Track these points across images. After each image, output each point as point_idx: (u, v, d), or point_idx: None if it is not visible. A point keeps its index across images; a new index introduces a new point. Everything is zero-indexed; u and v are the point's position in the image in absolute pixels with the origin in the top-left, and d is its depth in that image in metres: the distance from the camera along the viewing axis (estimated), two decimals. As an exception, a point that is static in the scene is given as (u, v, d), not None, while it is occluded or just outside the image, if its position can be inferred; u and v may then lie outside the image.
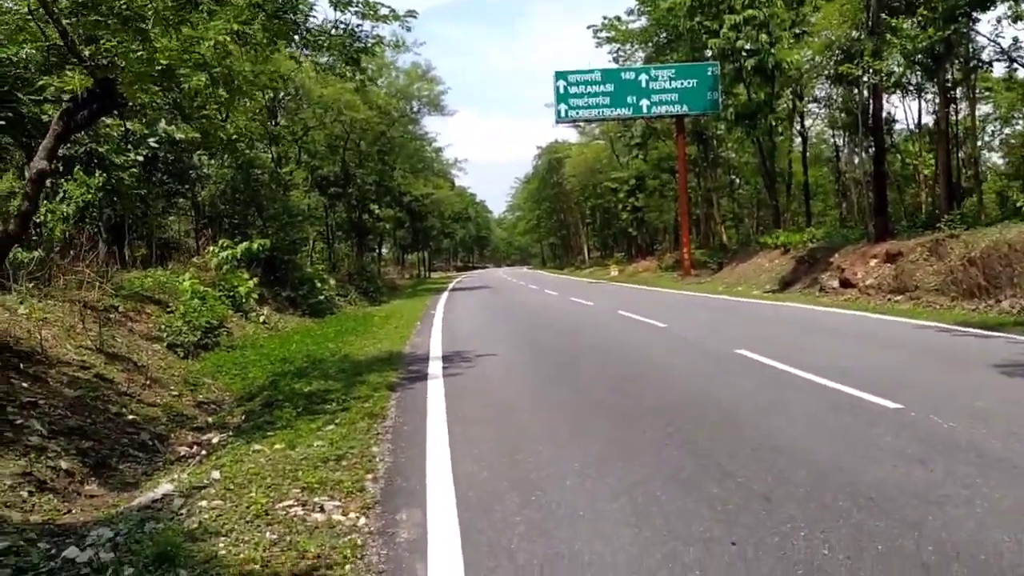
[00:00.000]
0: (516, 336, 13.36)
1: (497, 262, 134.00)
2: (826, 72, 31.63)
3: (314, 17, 10.31)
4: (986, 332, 11.48)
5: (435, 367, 10.32)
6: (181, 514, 4.86)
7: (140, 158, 15.66)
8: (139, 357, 10.58)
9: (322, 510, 4.64)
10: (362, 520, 4.49)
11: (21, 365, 7.65)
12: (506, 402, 7.84)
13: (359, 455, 5.85)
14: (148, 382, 9.51)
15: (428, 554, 3.93)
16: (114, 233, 17.37)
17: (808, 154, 39.55)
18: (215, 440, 7.40)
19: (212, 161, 20.47)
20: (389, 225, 49.01)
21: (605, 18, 55.23)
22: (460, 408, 7.51)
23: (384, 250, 60.31)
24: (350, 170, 36.27)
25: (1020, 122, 38.51)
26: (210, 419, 8.68)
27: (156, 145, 16.31)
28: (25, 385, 7.23)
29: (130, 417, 7.88)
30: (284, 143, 29.97)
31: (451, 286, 40.96)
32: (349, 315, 22.58)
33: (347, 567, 3.81)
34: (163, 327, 12.42)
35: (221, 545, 4.18)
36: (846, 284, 20.68)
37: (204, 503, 4.94)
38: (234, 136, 12.07)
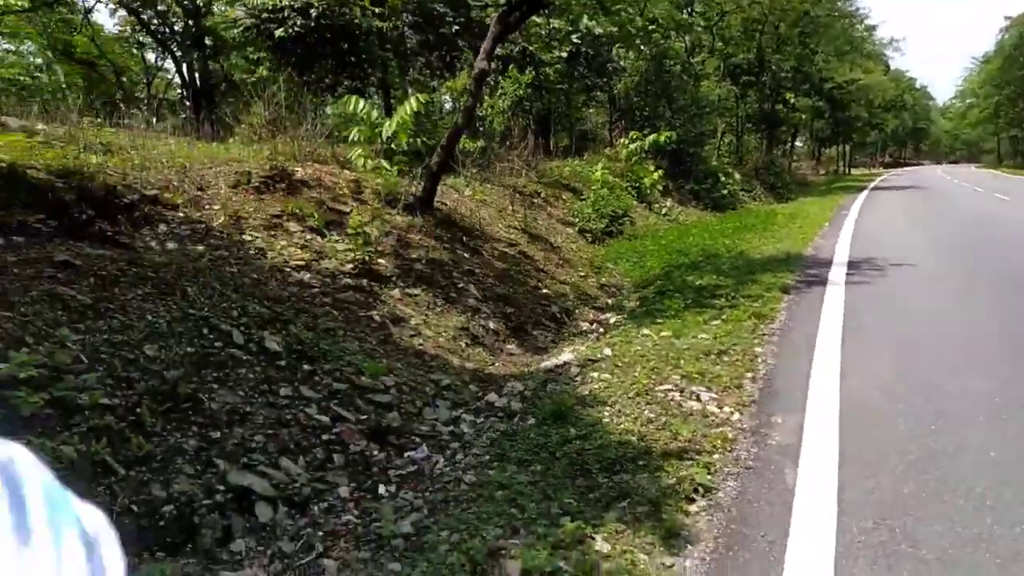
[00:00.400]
0: (945, 250, 11.59)
1: (936, 159, 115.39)
2: None
3: None
4: None
5: (837, 273, 9.59)
6: (576, 381, 5.49)
7: (564, 55, 16.87)
8: (554, 239, 11.85)
9: (698, 399, 4.82)
10: (736, 415, 4.55)
11: (464, 238, 9.17)
12: (919, 321, 6.99)
13: (741, 353, 5.86)
14: (560, 262, 10.66)
15: (800, 461, 3.86)
16: (541, 125, 19.27)
17: None
18: (611, 320, 8.06)
19: (628, 54, 21.09)
20: (805, 116, 45.41)
21: None
22: (860, 320, 6.93)
23: (797, 143, 56.39)
24: (765, 56, 34.21)
25: None
26: (609, 301, 9.44)
27: (578, 41, 17.36)
28: (466, 256, 8.67)
29: (544, 291, 8.97)
30: (696, 32, 29.38)
31: (873, 185, 36.83)
32: (751, 211, 21.96)
33: (715, 456, 3.95)
34: (575, 213, 13.62)
35: (606, 414, 4.65)
36: None
37: (595, 375, 5.49)
38: (650, 28, 12.28)
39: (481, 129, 14.95)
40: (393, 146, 9.55)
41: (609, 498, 3.55)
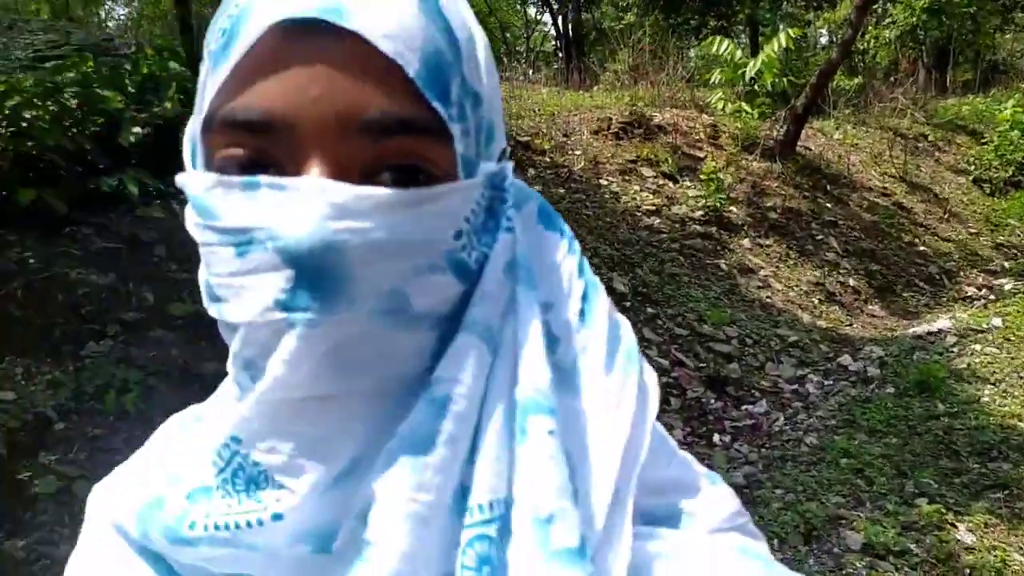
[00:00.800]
0: None
1: None
2: None
3: None
4: None
5: None
6: (951, 352, 4.81)
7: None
8: (940, 189, 10.29)
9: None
10: None
11: (828, 187, 8.45)
12: None
13: None
14: (946, 216, 9.26)
15: None
16: (938, 57, 16.63)
17: None
18: (1007, 287, 6.83)
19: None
20: None
21: None
22: None
23: None
24: None
25: None
26: (1006, 264, 7.97)
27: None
28: (828, 205, 8.00)
29: (921, 248, 7.92)
30: None
31: None
32: None
33: None
34: (971, 160, 11.62)
35: (986, 392, 4.02)
36: None
37: (977, 347, 4.74)
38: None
39: (860, 64, 13.45)
40: (756, 87, 9.10)
41: (981, 486, 3.12)
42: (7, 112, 3.74)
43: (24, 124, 3.79)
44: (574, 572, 0.39)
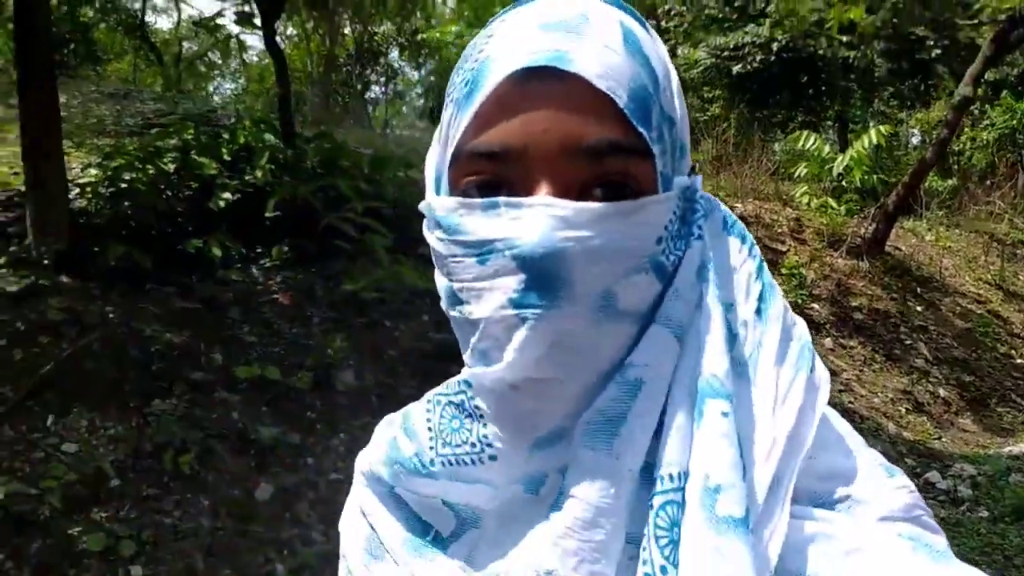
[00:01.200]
0: None
1: None
2: None
3: None
4: None
5: None
6: (1055, 480, 4.39)
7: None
8: (1042, 299, 9.69)
9: None
10: None
11: (918, 289, 8.07)
12: None
13: None
14: (1048, 328, 8.67)
15: None
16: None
17: None
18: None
19: None
20: None
21: None
22: None
23: None
24: None
25: None
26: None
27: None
28: (919, 309, 7.62)
29: (1018, 361, 7.40)
30: None
31: None
32: None
33: None
34: (1078, 270, 10.94)
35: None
36: None
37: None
38: None
39: (955, 166, 13.05)
40: (844, 183, 8.89)
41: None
42: (109, 173, 3.97)
43: (124, 185, 4.01)
44: (737, 538, 0.44)
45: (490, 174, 0.50)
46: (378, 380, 3.78)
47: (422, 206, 0.55)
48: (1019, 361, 7.37)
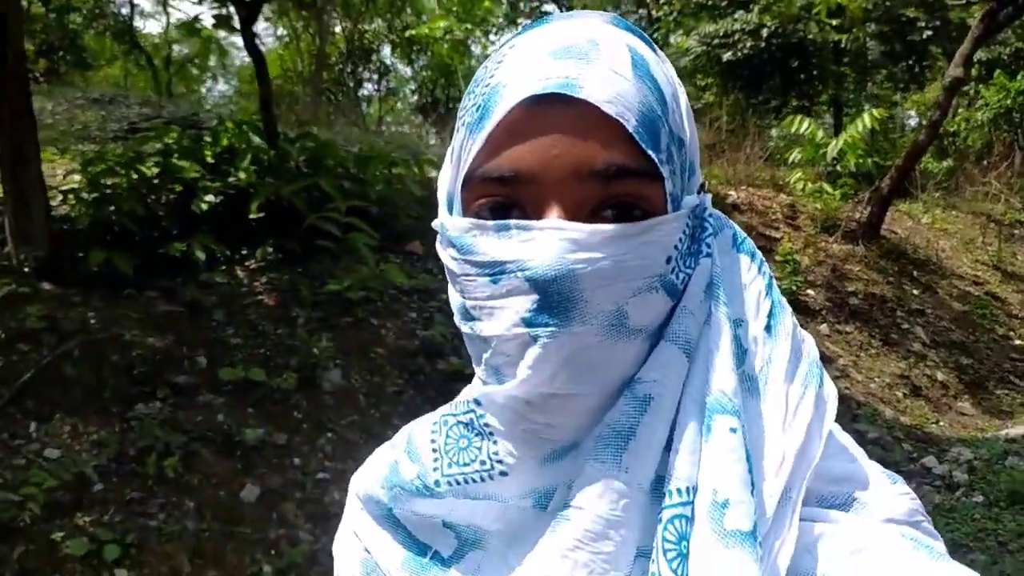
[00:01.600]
0: None
1: None
2: None
3: None
4: None
5: None
6: (1051, 460, 4.37)
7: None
8: (1040, 279, 9.64)
9: None
10: None
11: (915, 272, 8.03)
12: None
13: None
14: (1047, 308, 8.63)
15: None
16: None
17: None
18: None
19: None
20: None
21: None
22: None
23: None
24: None
25: None
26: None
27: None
28: (915, 293, 7.58)
29: (1017, 342, 7.36)
30: None
31: None
32: None
33: None
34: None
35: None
36: None
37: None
38: None
39: (951, 147, 12.99)
40: (838, 167, 8.85)
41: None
42: (91, 179, 3.95)
43: (106, 190, 3.99)
44: (744, 551, 0.45)
45: (502, 196, 0.51)
46: (364, 379, 3.76)
47: (435, 224, 0.56)
48: (1018, 342, 7.33)
